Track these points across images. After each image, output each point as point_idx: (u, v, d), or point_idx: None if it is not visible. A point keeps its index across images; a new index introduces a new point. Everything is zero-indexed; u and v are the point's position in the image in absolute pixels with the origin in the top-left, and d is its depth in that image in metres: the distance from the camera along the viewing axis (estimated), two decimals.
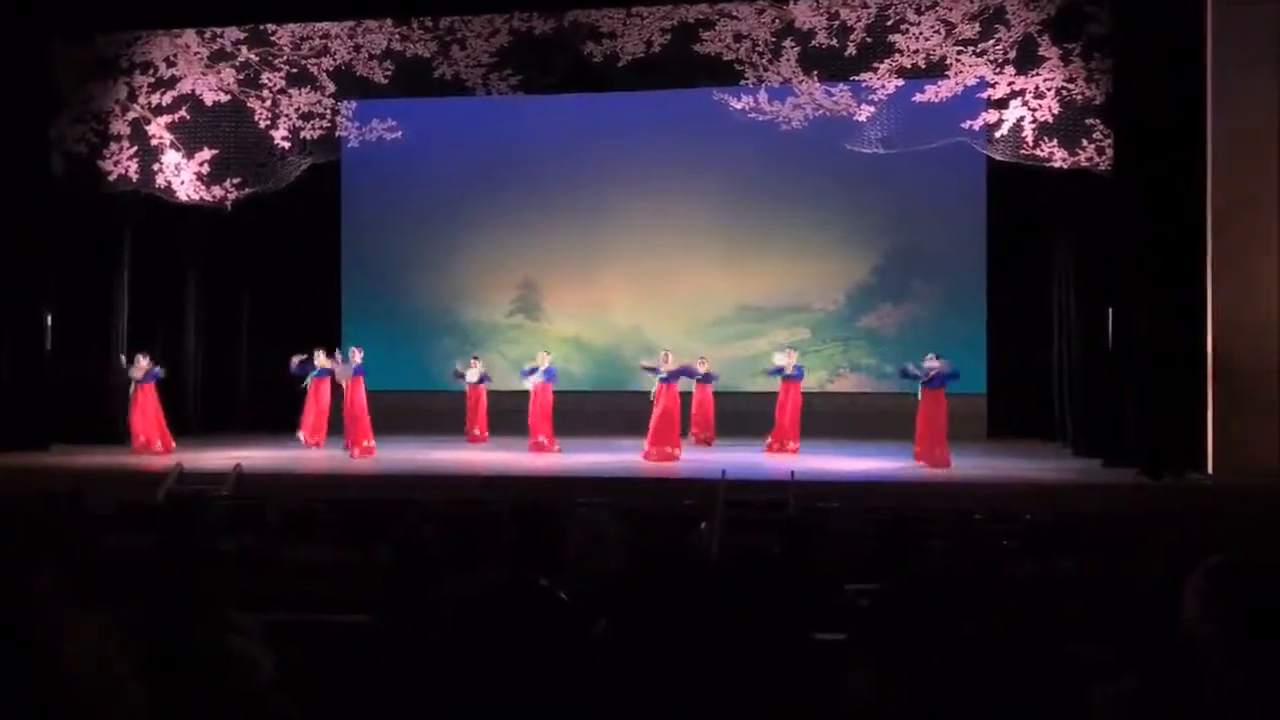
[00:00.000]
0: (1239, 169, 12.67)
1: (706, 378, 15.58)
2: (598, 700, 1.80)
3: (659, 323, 18.03)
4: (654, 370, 14.81)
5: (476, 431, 16.34)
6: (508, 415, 16.25)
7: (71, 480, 10.44)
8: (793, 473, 12.31)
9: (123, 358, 15.74)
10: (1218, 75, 12.77)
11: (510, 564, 4.55)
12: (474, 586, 1.78)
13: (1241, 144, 12.65)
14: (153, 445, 15.15)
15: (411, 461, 14.57)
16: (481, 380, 16.39)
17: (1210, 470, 12.59)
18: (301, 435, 15.79)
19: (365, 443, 14.89)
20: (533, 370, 15.51)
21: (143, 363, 15.40)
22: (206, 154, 15.72)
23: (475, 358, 16.63)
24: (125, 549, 2.56)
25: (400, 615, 3.67)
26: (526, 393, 15.63)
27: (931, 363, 13.86)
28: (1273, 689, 2.01)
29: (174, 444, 15.28)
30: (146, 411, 15.28)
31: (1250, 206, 12.60)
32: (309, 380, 15.76)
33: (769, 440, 15.20)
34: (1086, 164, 13.69)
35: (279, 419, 17.60)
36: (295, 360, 15.67)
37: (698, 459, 14.38)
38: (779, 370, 15.35)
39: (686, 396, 15.44)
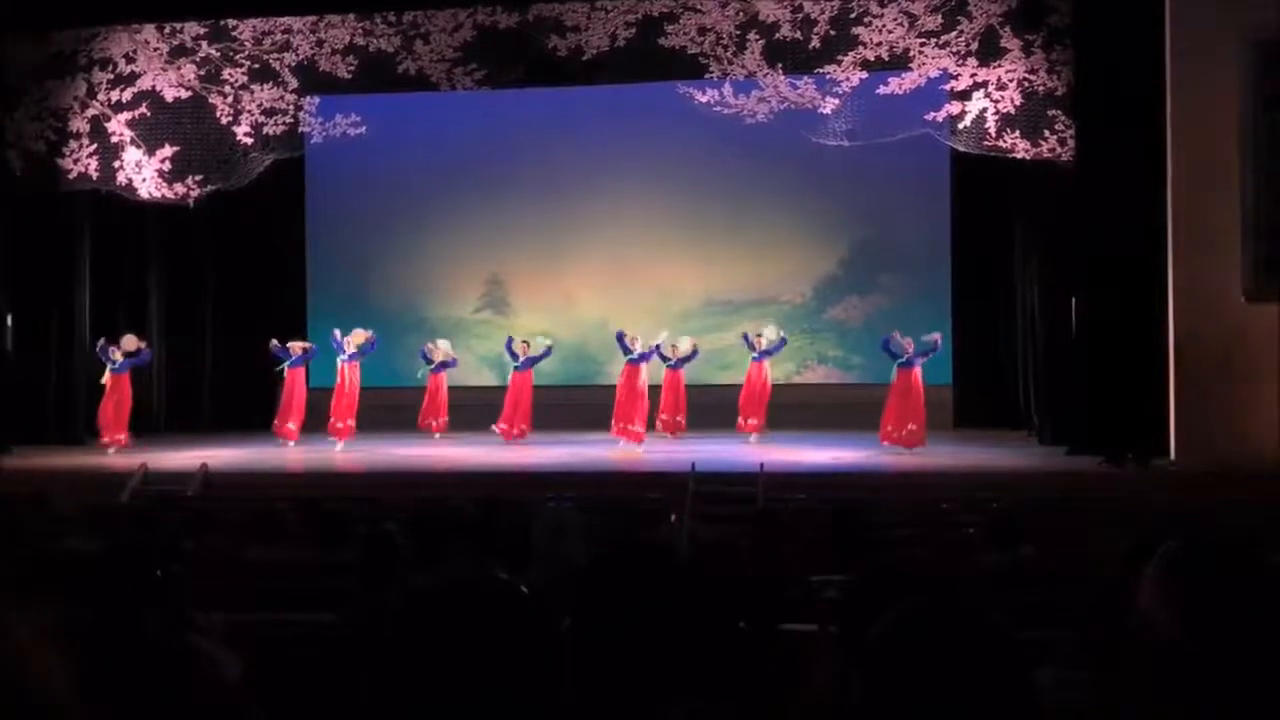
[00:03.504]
0: (1199, 158, 12.80)
1: (678, 363, 15.60)
2: (560, 693, 1.80)
3: (627, 317, 17.99)
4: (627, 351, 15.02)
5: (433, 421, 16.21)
6: (481, 409, 16.22)
7: (34, 483, 10.33)
8: (762, 465, 12.35)
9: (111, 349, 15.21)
10: (1177, 65, 12.90)
11: (475, 560, 4.55)
12: (432, 581, 1.77)
13: (1202, 133, 12.78)
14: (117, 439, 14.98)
15: (377, 458, 14.53)
16: (444, 365, 16.25)
17: (1173, 457, 12.73)
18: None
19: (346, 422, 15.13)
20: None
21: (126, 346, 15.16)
22: (168, 151, 15.55)
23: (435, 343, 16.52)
24: (86, 549, 2.55)
25: (364, 613, 3.66)
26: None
27: (931, 337, 14.15)
28: (1227, 674, 2.04)
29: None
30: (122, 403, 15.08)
31: (1211, 195, 12.74)
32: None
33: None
34: (1049, 155, 13.80)
35: (246, 416, 17.48)
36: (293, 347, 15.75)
37: (667, 451, 14.41)
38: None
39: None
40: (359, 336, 15.65)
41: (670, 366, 15.53)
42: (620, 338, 15.33)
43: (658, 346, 15.33)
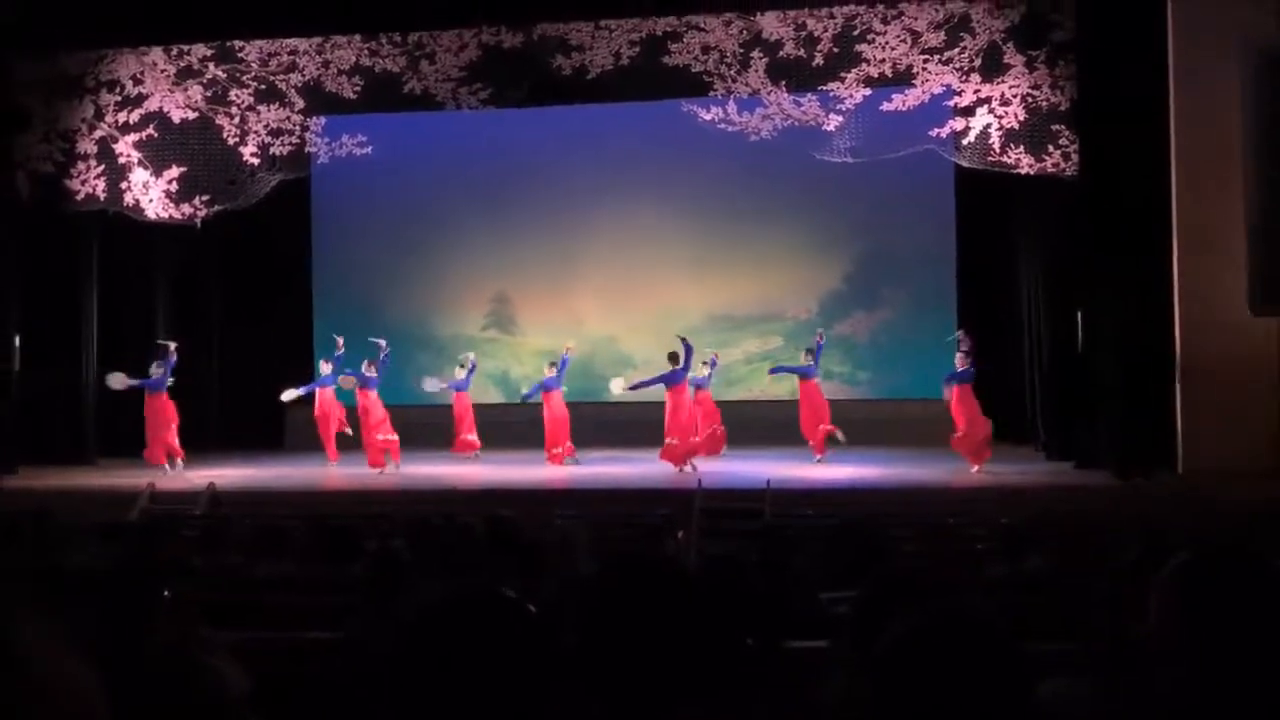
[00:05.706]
0: (1203, 171, 12.83)
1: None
2: (565, 708, 1.80)
3: (632, 333, 18.04)
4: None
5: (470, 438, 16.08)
6: (487, 427, 16.22)
7: (41, 501, 10.32)
8: (769, 481, 12.34)
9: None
10: (1180, 79, 12.93)
11: (482, 576, 4.54)
12: (438, 596, 1.78)
13: (1205, 147, 12.81)
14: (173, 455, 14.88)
15: (386, 475, 14.53)
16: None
17: (1180, 470, 12.70)
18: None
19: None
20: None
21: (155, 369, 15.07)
22: (175, 172, 15.62)
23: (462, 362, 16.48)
24: (92, 564, 2.56)
25: (371, 629, 3.66)
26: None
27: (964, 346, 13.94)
28: (1234, 685, 2.03)
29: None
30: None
31: (1215, 208, 12.75)
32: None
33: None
34: (1053, 169, 13.81)
35: (253, 435, 17.50)
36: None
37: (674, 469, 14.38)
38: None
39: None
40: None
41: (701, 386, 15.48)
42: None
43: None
